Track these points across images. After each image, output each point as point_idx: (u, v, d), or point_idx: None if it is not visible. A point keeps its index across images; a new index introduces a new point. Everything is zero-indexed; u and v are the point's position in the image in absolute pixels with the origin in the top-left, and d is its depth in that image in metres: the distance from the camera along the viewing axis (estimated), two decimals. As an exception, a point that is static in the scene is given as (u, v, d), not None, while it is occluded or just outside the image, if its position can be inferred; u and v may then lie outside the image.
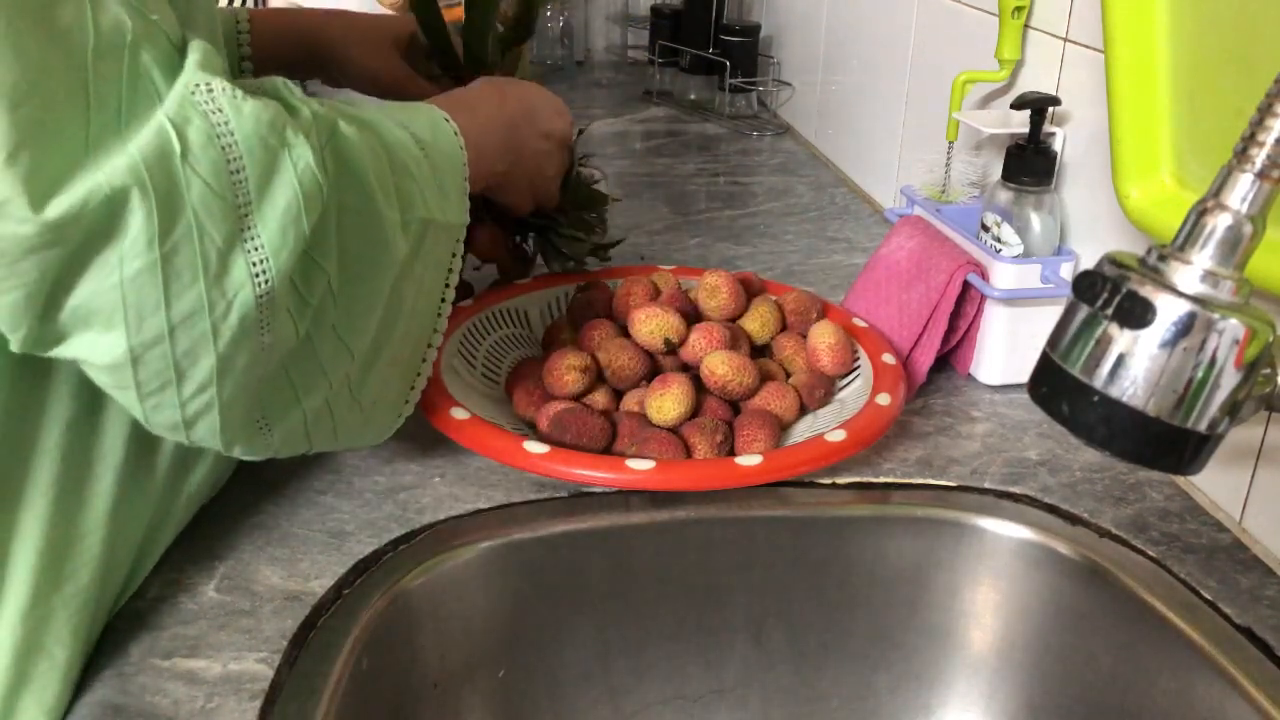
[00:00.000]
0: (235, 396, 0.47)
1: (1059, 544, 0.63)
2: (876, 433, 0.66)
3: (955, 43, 0.98)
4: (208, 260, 0.42)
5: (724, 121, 1.48)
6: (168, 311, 0.42)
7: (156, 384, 0.44)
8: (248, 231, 0.43)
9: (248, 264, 0.44)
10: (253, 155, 0.43)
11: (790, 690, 0.69)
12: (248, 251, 0.44)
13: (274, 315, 0.45)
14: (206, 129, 0.42)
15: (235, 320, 0.44)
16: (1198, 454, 0.44)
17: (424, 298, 0.59)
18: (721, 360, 0.68)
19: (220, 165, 0.42)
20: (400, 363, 0.59)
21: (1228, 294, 0.42)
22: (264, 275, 0.44)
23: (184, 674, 0.51)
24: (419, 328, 0.60)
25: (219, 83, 0.43)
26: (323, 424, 0.54)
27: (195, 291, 0.42)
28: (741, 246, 1.04)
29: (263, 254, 0.44)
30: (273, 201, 0.44)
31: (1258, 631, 0.55)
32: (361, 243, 0.51)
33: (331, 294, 0.50)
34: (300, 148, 0.45)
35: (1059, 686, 0.64)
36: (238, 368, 0.45)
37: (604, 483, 0.62)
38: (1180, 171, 0.65)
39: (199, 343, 0.43)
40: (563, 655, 0.65)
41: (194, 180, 0.41)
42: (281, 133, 0.44)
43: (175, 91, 0.41)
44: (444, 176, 0.58)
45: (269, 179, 0.44)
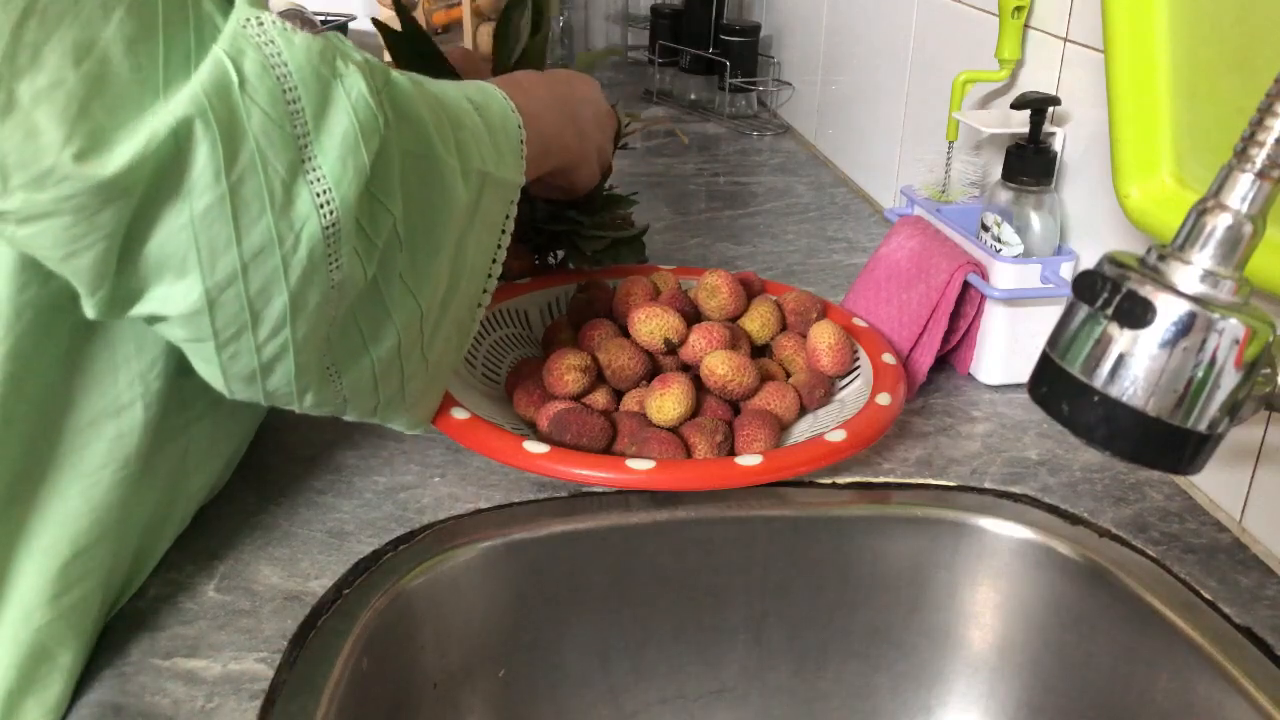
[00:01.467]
0: (308, 338, 0.47)
1: (1059, 544, 0.63)
2: (876, 433, 0.66)
3: (955, 43, 0.98)
4: (273, 190, 0.42)
5: (724, 121, 1.48)
6: (239, 248, 0.42)
7: (234, 329, 0.44)
8: (309, 161, 0.44)
9: (311, 194, 0.44)
10: (307, 85, 0.43)
11: (790, 690, 0.69)
12: (310, 182, 0.44)
13: (341, 250, 0.46)
14: (260, 59, 0.42)
15: (304, 253, 0.44)
16: (1198, 454, 0.44)
17: (480, 255, 0.59)
18: (721, 360, 0.68)
19: (277, 94, 0.42)
20: (459, 323, 0.60)
21: (1228, 294, 0.42)
22: (329, 205, 0.44)
23: (184, 674, 0.51)
24: (474, 287, 0.60)
25: (268, 16, 0.43)
26: (391, 377, 0.54)
27: (264, 224, 0.43)
28: (741, 246, 1.04)
29: (325, 184, 0.44)
30: (330, 131, 0.44)
31: (1258, 631, 0.55)
32: (424, 187, 0.52)
33: (398, 237, 0.50)
34: (352, 78, 0.45)
35: (1059, 686, 0.64)
36: (310, 305, 0.46)
37: (604, 483, 0.62)
38: (1180, 171, 0.65)
39: (271, 280, 0.44)
40: (563, 655, 0.65)
41: (253, 109, 0.41)
42: (333, 63, 0.45)
43: (228, 27, 0.42)
44: (498, 136, 0.59)
45: (324, 108, 0.44)
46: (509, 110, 0.61)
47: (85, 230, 0.39)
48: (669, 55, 1.58)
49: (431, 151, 0.52)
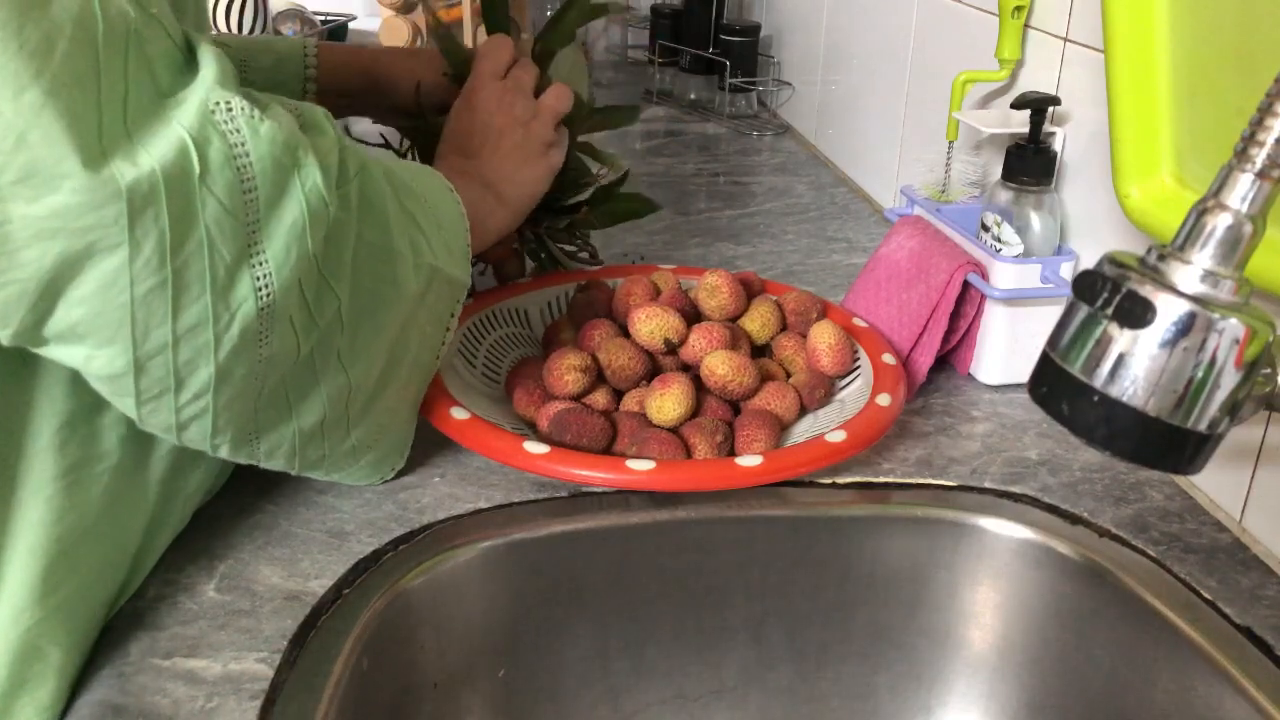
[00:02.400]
0: (230, 404, 0.48)
1: (1059, 544, 0.63)
2: (877, 433, 0.66)
3: (955, 43, 0.98)
4: (216, 275, 0.44)
5: (724, 121, 1.48)
6: (173, 323, 0.43)
7: (156, 390, 0.45)
8: (255, 246, 0.45)
9: (252, 278, 0.45)
10: (266, 176, 0.44)
11: (790, 690, 0.69)
12: (253, 266, 0.45)
13: (274, 328, 0.47)
14: (225, 150, 0.43)
15: (237, 331, 0.45)
16: (1198, 454, 0.44)
17: (424, 349, 0.61)
18: (721, 360, 0.68)
19: (235, 186, 0.43)
20: (399, 411, 0.61)
21: (1228, 294, 0.42)
22: (267, 289, 0.46)
23: (184, 674, 0.51)
24: (417, 378, 0.62)
25: (238, 101, 0.44)
26: (312, 448, 0.56)
27: (201, 304, 0.44)
28: (741, 246, 1.04)
29: (267, 268, 0.45)
30: (280, 219, 0.46)
31: (1258, 631, 0.55)
32: (375, 277, 0.53)
33: (340, 319, 0.52)
34: (310, 168, 0.46)
35: (1059, 686, 0.64)
36: (235, 376, 0.47)
37: (604, 483, 0.62)
38: (1180, 171, 0.65)
39: (200, 352, 0.45)
40: (563, 655, 0.65)
41: (209, 200, 0.42)
42: (295, 152, 0.46)
43: (195, 107, 0.42)
44: (447, 234, 0.61)
45: (279, 197, 0.45)
46: (458, 211, 0.63)
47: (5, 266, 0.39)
48: (669, 55, 1.58)
49: (389, 243, 0.54)
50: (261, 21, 1.43)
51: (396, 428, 0.62)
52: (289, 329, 0.48)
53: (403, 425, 0.63)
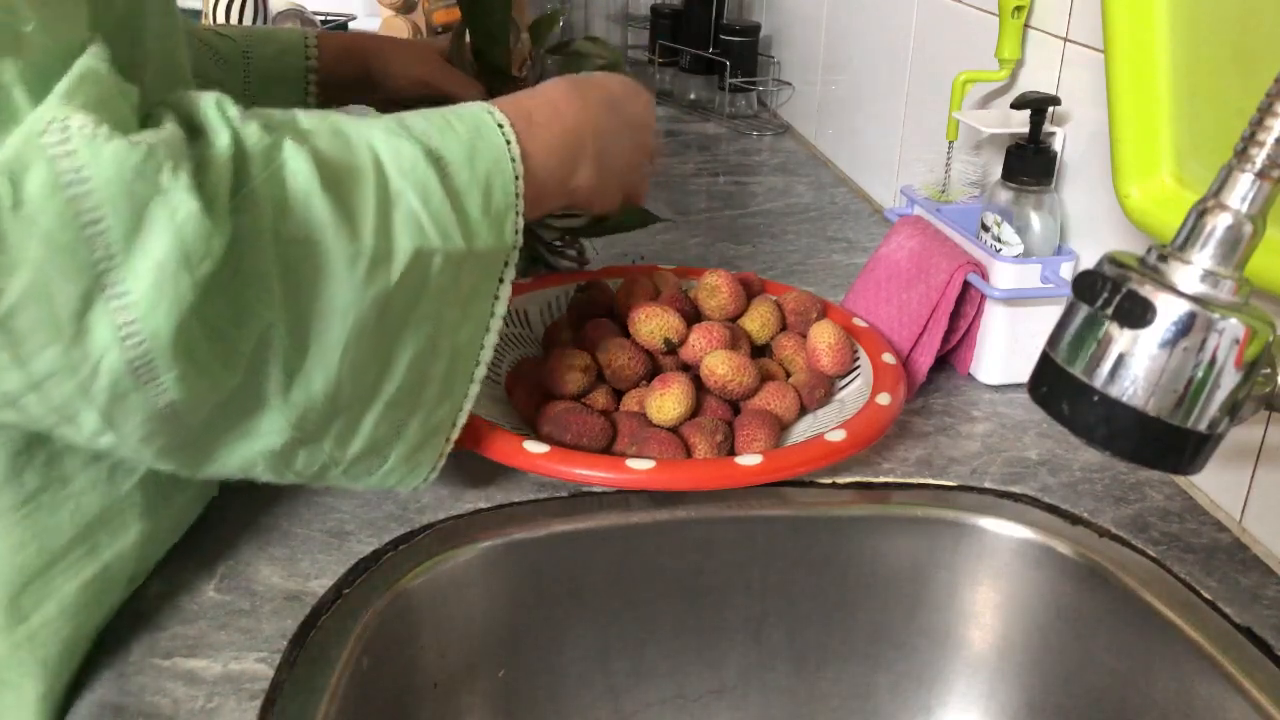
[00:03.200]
0: (147, 440, 0.43)
1: (1059, 544, 0.63)
2: (876, 433, 0.66)
3: (955, 43, 0.98)
4: (59, 322, 0.38)
5: (724, 121, 1.48)
6: (24, 369, 0.38)
7: (52, 421, 0.41)
8: (110, 289, 0.38)
9: (112, 324, 0.38)
10: (115, 206, 0.37)
11: (790, 690, 0.69)
12: (111, 311, 0.38)
13: (164, 375, 0.41)
14: (49, 177, 0.36)
15: (106, 383, 0.39)
16: (1198, 454, 0.44)
17: (449, 333, 0.53)
18: (721, 360, 0.68)
19: (68, 216, 0.37)
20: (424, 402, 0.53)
21: (1228, 294, 0.42)
22: (136, 337, 0.39)
23: (184, 674, 0.51)
24: (449, 365, 0.54)
25: (80, 118, 0.37)
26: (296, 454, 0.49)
27: (51, 353, 0.38)
28: (741, 246, 1.04)
29: (131, 313, 0.39)
30: (144, 254, 0.38)
31: (1258, 631, 0.55)
32: (317, 278, 0.45)
33: (275, 341, 0.45)
34: (178, 194, 0.39)
35: (1059, 686, 0.64)
36: (132, 422, 0.41)
37: (604, 483, 0.62)
38: (1180, 171, 0.65)
39: (73, 397, 0.40)
40: (563, 655, 0.65)
41: (30, 237, 0.36)
42: (154, 177, 0.38)
43: (20, 130, 0.36)
44: (468, 198, 0.51)
45: (137, 231, 0.38)
46: (506, 158, 0.53)
47: None
48: (669, 55, 1.58)
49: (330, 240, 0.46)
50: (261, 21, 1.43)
51: (425, 418, 0.54)
52: (193, 369, 0.41)
53: (437, 413, 0.55)
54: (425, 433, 0.55)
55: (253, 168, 0.43)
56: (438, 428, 0.55)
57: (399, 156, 0.49)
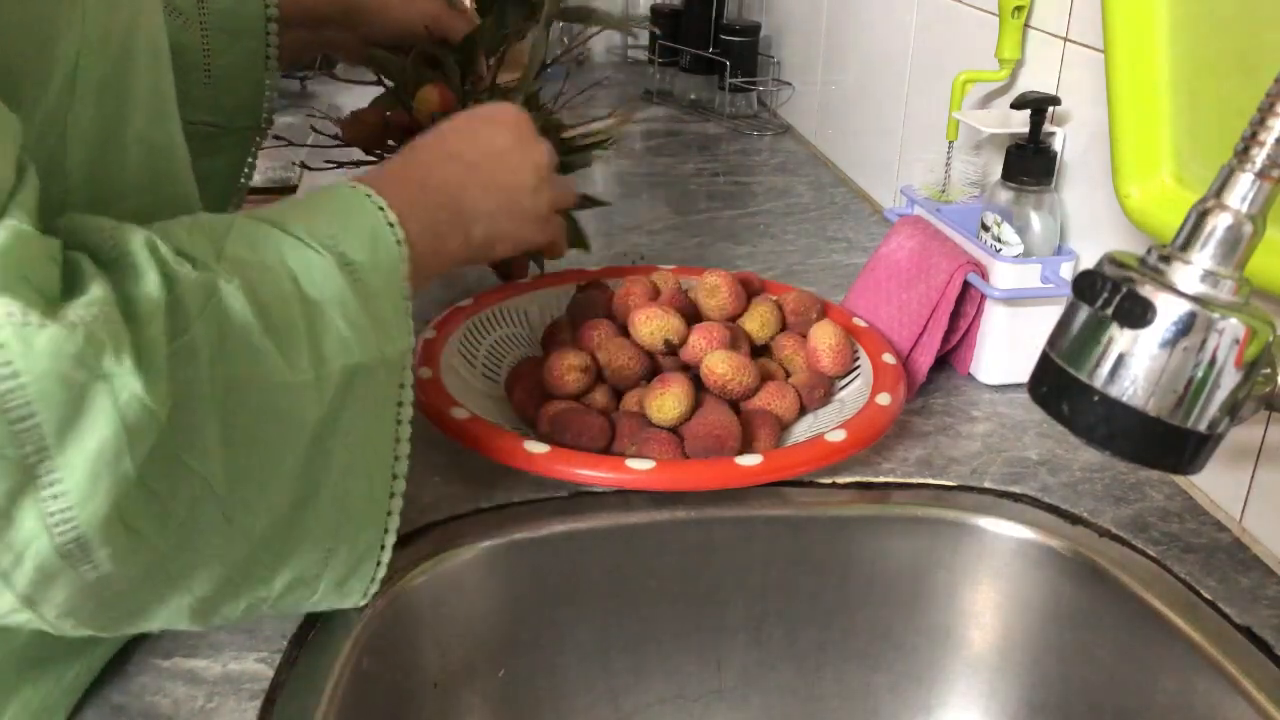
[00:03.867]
0: (69, 612, 0.40)
1: (1059, 544, 0.63)
2: (876, 433, 0.66)
3: (955, 43, 0.98)
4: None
5: (724, 121, 1.48)
6: None
7: None
8: (41, 480, 0.35)
9: (41, 515, 0.36)
10: (49, 398, 0.34)
11: (790, 690, 0.69)
12: (42, 501, 0.35)
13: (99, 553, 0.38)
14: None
15: (31, 569, 0.37)
16: (1198, 454, 0.44)
17: (362, 447, 0.49)
18: (721, 360, 0.68)
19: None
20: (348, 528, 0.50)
21: (1228, 294, 0.42)
22: (67, 525, 0.36)
23: (184, 674, 0.51)
24: (367, 481, 0.50)
25: (6, 304, 0.33)
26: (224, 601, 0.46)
27: None
28: (741, 246, 1.04)
29: (65, 502, 0.36)
30: (79, 444, 0.36)
31: (1258, 631, 0.55)
32: (258, 418, 0.43)
33: (211, 491, 0.42)
34: (123, 377, 0.36)
35: (1059, 686, 0.64)
36: (56, 600, 0.38)
37: (604, 483, 0.62)
38: (1180, 171, 0.65)
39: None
40: (563, 655, 0.65)
41: None
42: (95, 365, 0.35)
43: None
44: (381, 302, 0.49)
45: (74, 419, 0.35)
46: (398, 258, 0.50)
47: None
48: (669, 55, 1.58)
49: (271, 375, 0.43)
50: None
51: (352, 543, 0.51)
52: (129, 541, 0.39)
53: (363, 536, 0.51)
54: (354, 559, 0.51)
55: (190, 310, 0.40)
56: (365, 553, 0.52)
57: (311, 270, 0.46)
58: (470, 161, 0.60)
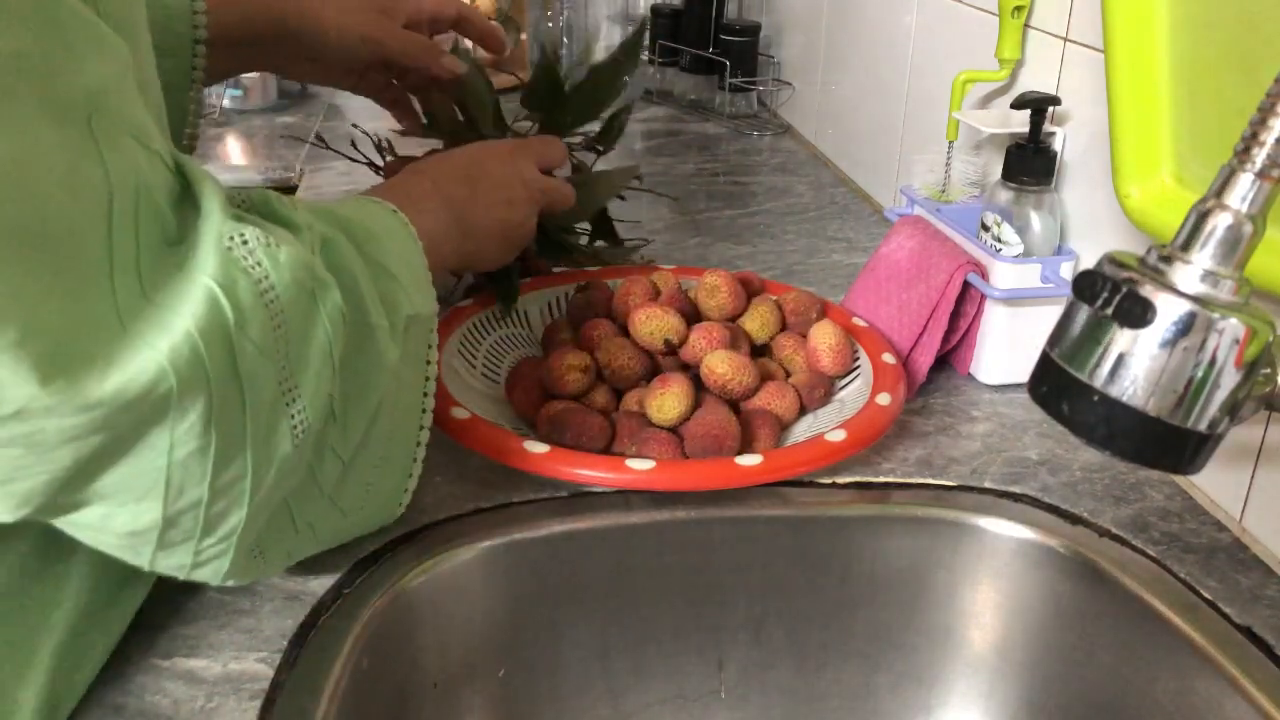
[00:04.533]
0: (247, 538, 0.44)
1: (1059, 544, 0.63)
2: (876, 432, 0.66)
3: (955, 43, 0.98)
4: (256, 429, 0.40)
5: (724, 121, 1.48)
6: (210, 481, 0.40)
7: (179, 539, 0.41)
8: (288, 383, 0.41)
9: (289, 424, 0.41)
10: (295, 306, 0.40)
11: (790, 690, 0.69)
12: (289, 405, 0.41)
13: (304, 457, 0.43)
14: (253, 289, 0.38)
15: (273, 477, 0.42)
16: (1198, 454, 0.44)
17: (405, 393, 0.55)
18: (721, 359, 0.68)
19: (267, 326, 0.39)
20: (388, 461, 0.55)
21: (1228, 293, 0.42)
22: (302, 424, 0.42)
23: (184, 674, 0.51)
24: (404, 425, 0.56)
25: (251, 231, 0.39)
26: (305, 538, 0.51)
27: (241, 459, 0.40)
28: (741, 246, 1.04)
29: (302, 404, 0.42)
30: (311, 351, 0.41)
31: (1258, 631, 0.55)
32: (359, 358, 0.48)
33: (334, 415, 0.46)
34: (329, 287, 0.42)
35: (1059, 686, 0.64)
36: (263, 517, 0.44)
37: (604, 483, 0.62)
38: (1180, 171, 0.65)
39: (234, 502, 0.41)
40: (563, 655, 0.65)
41: (247, 348, 0.38)
42: (315, 273, 0.42)
43: (212, 250, 0.38)
44: (415, 270, 0.55)
45: (307, 326, 0.41)
46: (412, 238, 0.57)
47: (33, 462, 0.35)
48: (668, 55, 1.58)
49: (366, 319, 0.48)
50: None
51: (391, 475, 0.56)
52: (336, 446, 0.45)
53: (399, 473, 0.57)
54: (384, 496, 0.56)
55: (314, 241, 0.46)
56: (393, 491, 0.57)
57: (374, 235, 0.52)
58: (474, 183, 0.68)
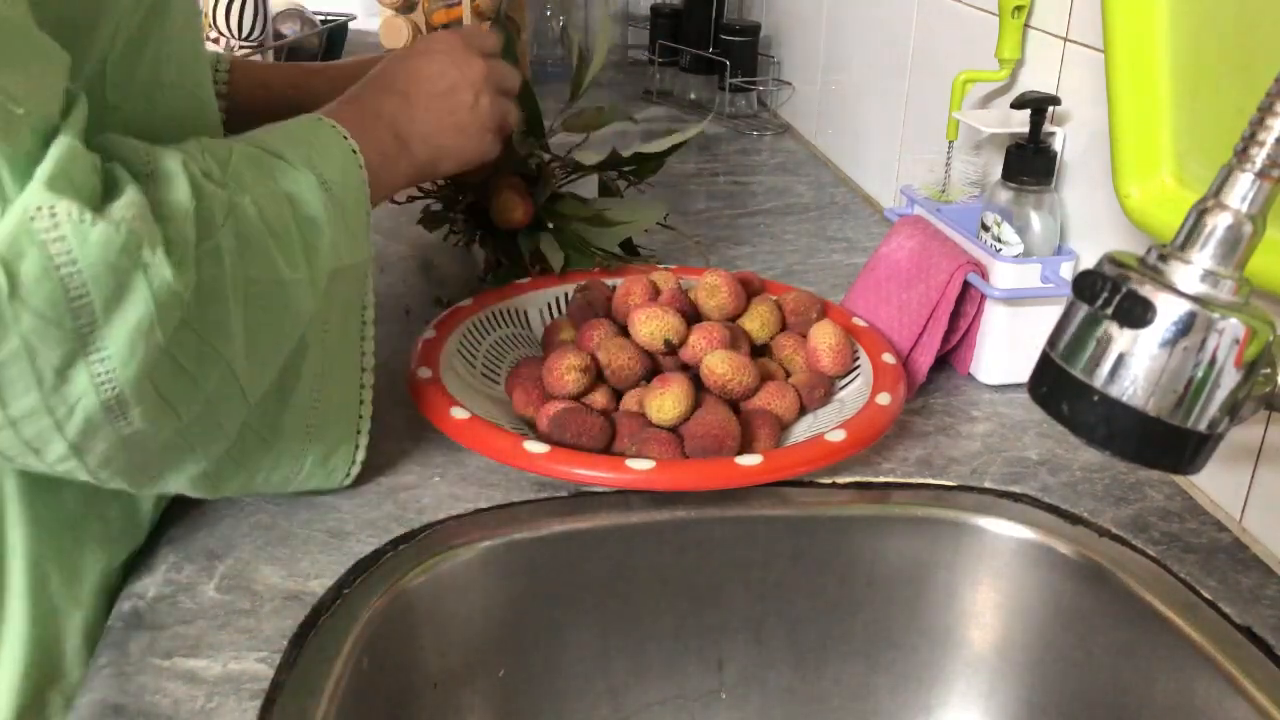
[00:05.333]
0: (106, 463, 0.47)
1: (1059, 544, 0.63)
2: (876, 432, 0.66)
3: (955, 43, 0.98)
4: (41, 375, 0.42)
5: (724, 121, 1.48)
6: (4, 410, 0.42)
7: (16, 452, 0.45)
8: (91, 347, 0.43)
9: (90, 375, 0.43)
10: (98, 281, 0.42)
11: (790, 690, 0.69)
12: (91, 364, 0.43)
13: (132, 410, 0.45)
14: (43, 261, 0.40)
15: (80, 420, 0.44)
16: (1198, 454, 0.44)
17: (336, 338, 0.59)
18: (721, 359, 0.68)
19: (57, 296, 0.41)
20: (325, 411, 0.59)
21: (1228, 293, 0.42)
22: (110, 384, 0.44)
23: (184, 674, 0.51)
24: (339, 370, 0.60)
25: (65, 204, 0.41)
26: (228, 472, 0.55)
27: (31, 399, 0.42)
28: (741, 246, 1.04)
29: (109, 365, 0.43)
30: (122, 319, 0.43)
31: (1258, 631, 0.55)
32: (268, 314, 0.51)
33: (233, 373, 0.50)
34: (156, 265, 0.44)
35: (1059, 686, 0.64)
36: (97, 450, 0.46)
37: (604, 483, 0.62)
38: (1180, 171, 0.65)
39: (45, 432, 0.44)
40: (563, 655, 0.65)
41: (23, 314, 0.40)
42: (136, 253, 0.43)
43: (13, 218, 0.40)
44: (351, 216, 0.57)
45: (118, 299, 0.43)
46: (362, 180, 0.59)
47: None
48: (669, 55, 1.58)
49: (278, 274, 0.51)
50: (262, 22, 1.43)
51: (330, 423, 0.60)
52: (158, 403, 0.46)
53: (341, 420, 0.61)
54: (333, 441, 0.61)
55: (215, 218, 0.48)
56: (342, 437, 0.61)
57: (300, 188, 0.54)
58: (404, 90, 0.67)
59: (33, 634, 0.54)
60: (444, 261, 0.99)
